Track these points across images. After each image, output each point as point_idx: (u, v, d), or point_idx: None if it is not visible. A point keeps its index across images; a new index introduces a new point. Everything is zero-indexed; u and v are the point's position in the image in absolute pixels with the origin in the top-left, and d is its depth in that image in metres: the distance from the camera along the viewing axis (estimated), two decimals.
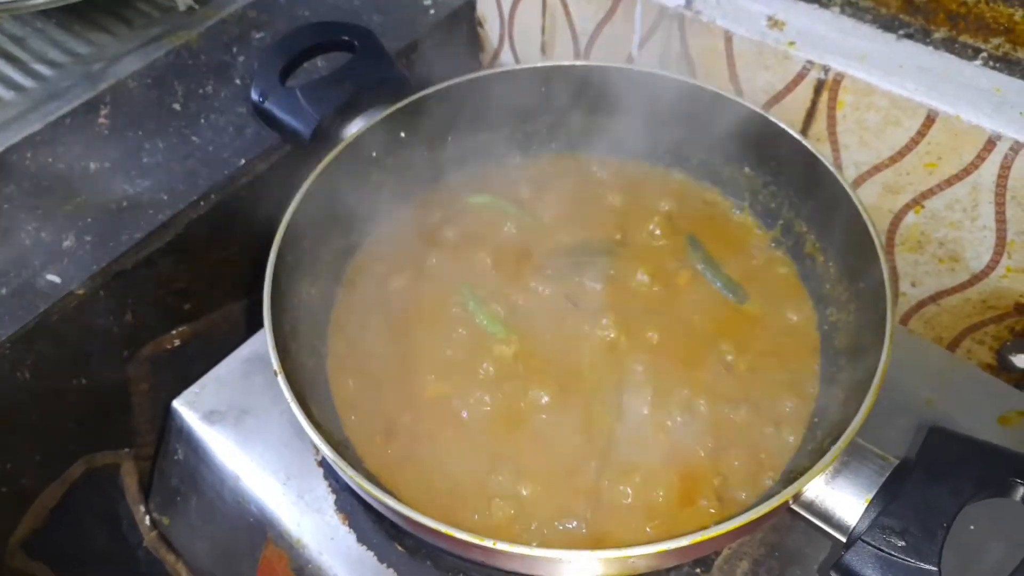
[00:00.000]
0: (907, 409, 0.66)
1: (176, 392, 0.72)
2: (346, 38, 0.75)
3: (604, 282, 0.68)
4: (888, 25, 0.76)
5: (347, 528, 0.64)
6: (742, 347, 0.64)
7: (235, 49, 0.95)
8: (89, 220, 0.78)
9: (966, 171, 0.71)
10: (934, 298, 0.81)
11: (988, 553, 0.54)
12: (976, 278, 0.76)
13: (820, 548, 0.60)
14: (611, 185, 0.76)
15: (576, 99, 0.78)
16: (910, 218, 0.77)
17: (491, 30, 1.04)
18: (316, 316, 0.67)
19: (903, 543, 0.44)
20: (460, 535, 0.47)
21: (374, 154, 0.72)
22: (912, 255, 0.79)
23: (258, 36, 0.96)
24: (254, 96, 0.72)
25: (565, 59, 0.94)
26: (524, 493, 0.57)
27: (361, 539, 0.64)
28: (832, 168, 0.64)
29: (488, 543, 0.46)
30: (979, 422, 0.66)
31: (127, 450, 0.84)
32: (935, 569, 0.43)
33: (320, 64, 0.87)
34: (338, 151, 0.68)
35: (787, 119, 0.69)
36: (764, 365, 0.63)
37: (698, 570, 0.60)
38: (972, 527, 0.56)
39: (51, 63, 0.95)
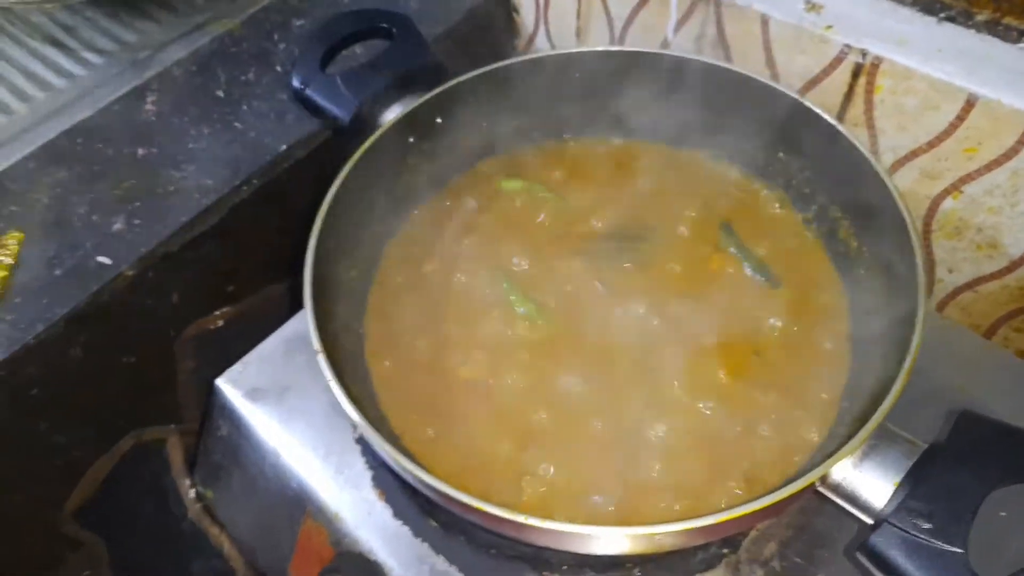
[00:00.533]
0: (939, 395, 0.65)
1: (219, 371, 0.75)
2: (384, 25, 0.77)
3: (637, 267, 0.69)
4: (928, 7, 0.75)
5: (383, 503, 0.66)
6: (773, 332, 0.64)
7: (276, 36, 0.96)
8: (138, 204, 0.81)
9: (1006, 156, 0.70)
10: (971, 285, 0.80)
11: (1016, 539, 0.54)
12: (1015, 264, 0.75)
13: (847, 531, 0.61)
14: (644, 171, 0.77)
15: (610, 85, 0.78)
16: (948, 204, 0.76)
17: (526, 15, 1.05)
18: (355, 298, 0.69)
19: (930, 525, 0.44)
20: (492, 510, 0.48)
21: (411, 139, 0.73)
22: (950, 241, 0.78)
23: (298, 23, 0.98)
24: (295, 83, 0.74)
25: (600, 44, 0.95)
26: (555, 471, 0.59)
27: (397, 514, 0.66)
28: (867, 153, 0.64)
29: (520, 518, 0.47)
30: (1013, 409, 0.65)
31: (173, 426, 0.87)
32: (962, 551, 0.43)
33: (358, 51, 0.89)
34: (376, 137, 0.69)
35: (824, 103, 0.69)
36: (795, 349, 0.63)
37: (725, 550, 0.61)
38: (1003, 513, 0.56)
39: (100, 51, 0.98)
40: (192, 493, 0.83)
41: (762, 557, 0.60)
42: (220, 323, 0.87)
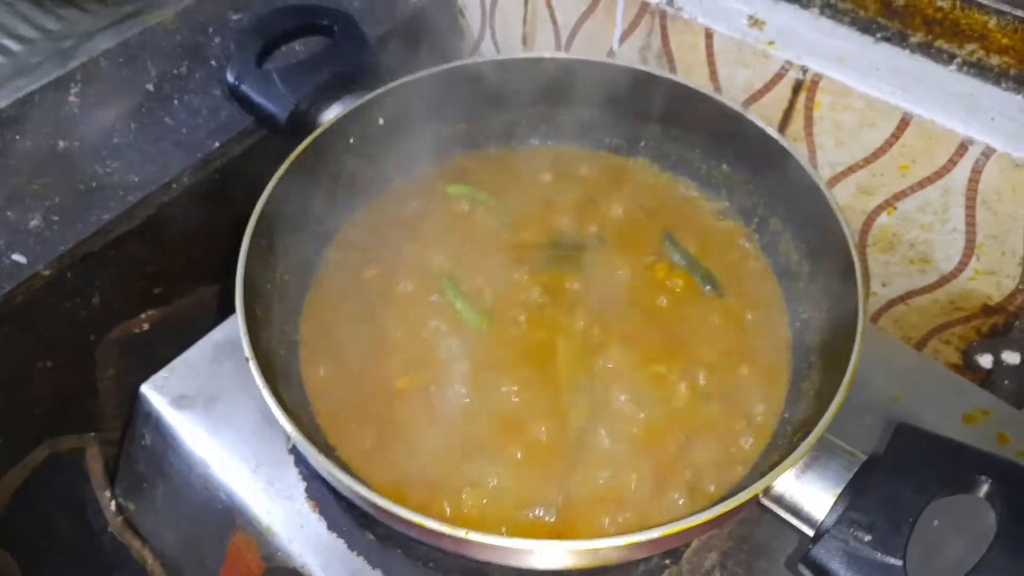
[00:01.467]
0: (874, 406, 0.67)
1: (143, 377, 0.71)
2: (325, 22, 0.75)
3: (580, 275, 0.68)
4: (866, 28, 0.77)
5: (317, 516, 0.64)
6: (716, 342, 0.64)
7: (211, 30, 0.93)
8: (57, 200, 0.76)
9: (938, 174, 0.72)
10: (903, 298, 0.82)
11: (951, 547, 0.55)
12: (945, 279, 0.78)
13: (787, 541, 0.61)
14: (589, 179, 0.76)
15: (556, 92, 0.78)
16: (883, 219, 0.78)
17: (472, 19, 1.03)
18: (290, 302, 0.66)
19: (870, 537, 0.44)
20: (433, 525, 0.47)
21: (351, 140, 0.71)
22: (884, 255, 0.80)
23: (235, 17, 0.95)
24: (230, 78, 0.71)
25: (546, 51, 0.94)
26: (495, 483, 0.57)
27: (332, 527, 0.63)
28: (808, 168, 0.64)
29: (460, 533, 0.46)
30: (945, 420, 0.67)
31: (92, 434, 0.83)
32: (900, 563, 0.43)
33: (298, 48, 0.86)
34: (314, 137, 0.67)
35: (765, 118, 0.70)
36: (737, 360, 0.64)
37: (667, 561, 0.61)
38: (936, 522, 0.57)
39: (20, 38, 0.93)
40: (113, 505, 0.78)
41: (703, 568, 0.60)
42: (145, 327, 0.83)
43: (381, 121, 0.72)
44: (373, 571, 0.61)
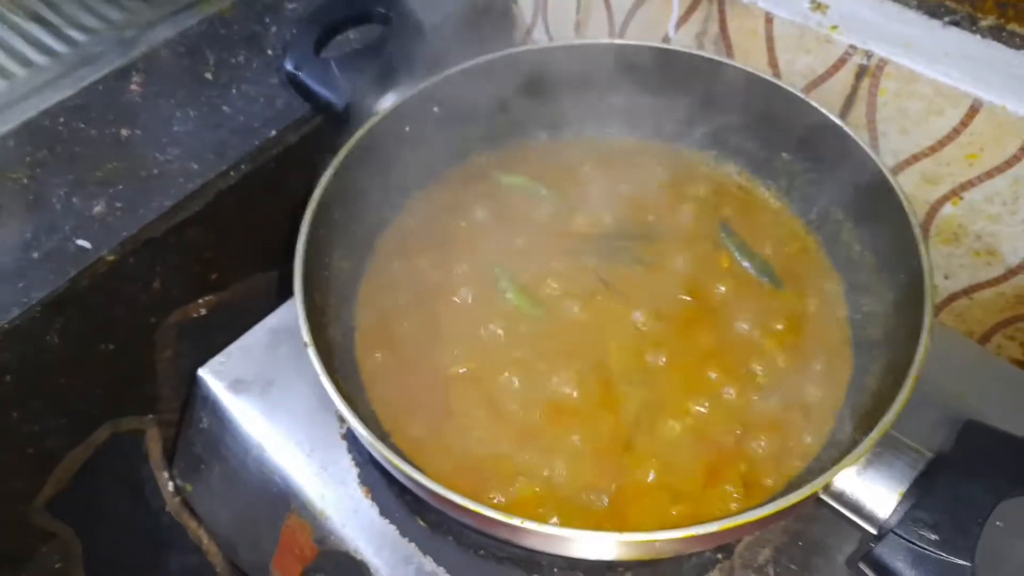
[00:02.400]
0: (937, 402, 0.65)
1: (201, 360, 0.72)
2: (381, 10, 0.75)
3: (637, 266, 0.68)
4: (934, 11, 0.74)
5: (370, 501, 0.64)
6: (774, 333, 0.63)
7: (268, 19, 0.94)
8: (120, 187, 0.78)
9: (1008, 163, 0.70)
10: (967, 291, 0.79)
11: (1017, 550, 0.53)
12: (1012, 272, 0.75)
13: (843, 539, 0.60)
14: (645, 168, 0.75)
15: (611, 79, 0.77)
16: (947, 209, 0.76)
17: (524, 6, 1.03)
18: (346, 289, 0.67)
19: (936, 537, 0.43)
20: (488, 512, 0.47)
21: (407, 129, 0.71)
22: (947, 247, 0.78)
23: (291, 6, 0.95)
24: (288, 66, 0.72)
25: (600, 37, 0.93)
26: (548, 472, 0.57)
27: (384, 512, 0.64)
28: (873, 154, 0.63)
29: (516, 522, 0.46)
30: (1011, 417, 0.64)
31: (151, 416, 0.85)
32: (968, 564, 0.42)
33: (352, 36, 0.86)
34: (371, 125, 0.67)
35: (826, 104, 0.68)
36: (795, 352, 0.62)
37: (719, 555, 0.60)
38: (999, 523, 0.55)
39: (84, 28, 0.95)
40: (170, 486, 0.80)
41: (756, 563, 0.59)
42: (203, 311, 0.84)
43: (436, 109, 0.72)
44: (424, 557, 0.61)
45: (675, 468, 0.57)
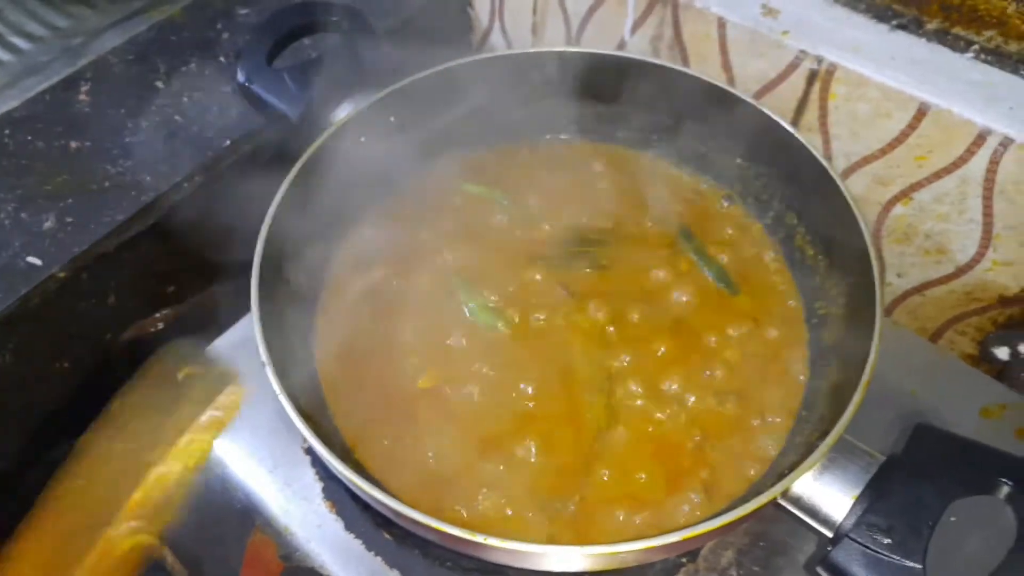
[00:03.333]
0: (890, 400, 0.66)
1: None
2: (335, 18, 0.74)
3: (597, 272, 0.68)
4: (881, 15, 0.76)
5: (335, 516, 0.64)
6: (731, 339, 0.64)
7: (219, 25, 0.92)
8: (70, 201, 0.76)
9: (955, 164, 0.71)
10: (919, 289, 0.81)
11: (968, 547, 0.55)
12: (961, 270, 0.77)
13: (803, 539, 0.61)
14: (603, 174, 0.76)
15: (568, 86, 0.77)
16: (898, 210, 0.77)
17: (481, 10, 1.02)
18: (304, 303, 0.66)
19: (889, 540, 0.44)
20: (450, 529, 0.47)
21: (363, 139, 0.70)
22: (899, 246, 0.80)
23: (243, 12, 0.94)
24: (240, 78, 0.71)
25: (557, 43, 0.94)
26: (512, 483, 0.57)
27: (349, 527, 0.64)
28: (823, 160, 0.64)
29: (479, 538, 0.46)
30: (962, 414, 0.67)
31: None
32: (920, 567, 0.43)
33: (306, 43, 0.85)
34: (327, 136, 0.67)
35: (778, 109, 0.69)
36: (753, 357, 0.63)
37: (683, 560, 0.61)
38: (953, 518, 0.57)
39: (29, 36, 0.93)
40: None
41: (720, 566, 0.60)
42: (161, 326, 0.83)
43: (392, 119, 0.72)
44: (391, 571, 0.61)
45: (639, 476, 0.58)
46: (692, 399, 0.61)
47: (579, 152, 0.78)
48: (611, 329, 0.64)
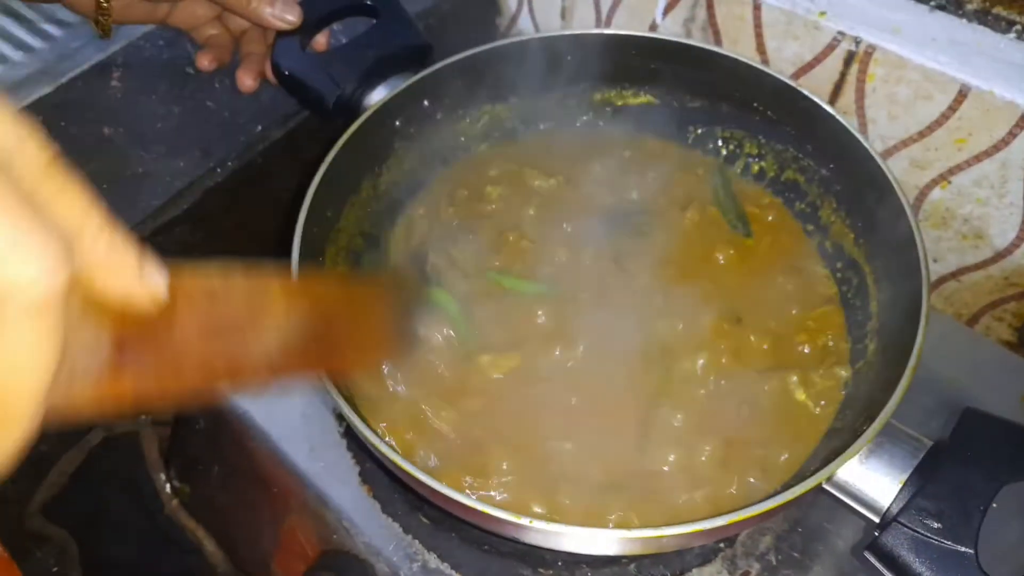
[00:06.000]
0: (930, 385, 0.65)
1: None
2: (369, 2, 0.74)
3: (638, 246, 0.67)
4: None
5: (371, 499, 0.64)
6: (778, 318, 0.64)
7: None
8: (104, 187, 0.77)
9: (996, 147, 0.70)
10: (955, 275, 0.80)
11: (1018, 532, 0.54)
12: (999, 255, 0.76)
13: (842, 525, 0.61)
14: (636, 160, 0.75)
15: (600, 69, 0.76)
16: (935, 194, 0.77)
17: None
18: None
19: (939, 525, 0.44)
20: (495, 513, 0.47)
21: (398, 123, 0.70)
22: (936, 231, 0.79)
23: None
24: (275, 62, 0.71)
25: (587, 26, 0.93)
26: (559, 462, 0.57)
27: (386, 510, 0.64)
28: (864, 142, 0.63)
29: (524, 521, 0.46)
30: (1003, 401, 0.66)
31: (144, 417, 0.84)
32: (971, 552, 0.43)
33: (336, 28, 0.85)
34: (362, 121, 0.66)
35: (814, 92, 0.68)
36: (795, 338, 0.63)
37: (722, 544, 0.61)
38: (995, 505, 0.56)
39: (60, 23, 0.93)
40: (168, 487, 0.80)
41: (758, 551, 0.60)
42: None
43: (427, 103, 0.72)
44: (428, 554, 0.62)
45: (692, 451, 0.57)
46: (741, 376, 0.60)
47: (611, 137, 0.77)
48: (662, 298, 0.63)
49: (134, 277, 0.24)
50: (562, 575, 0.60)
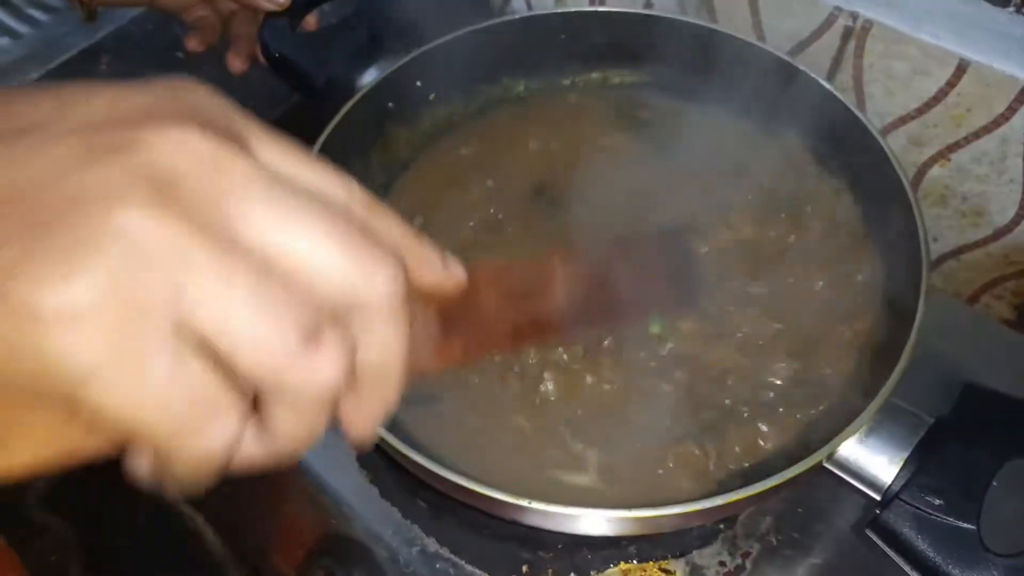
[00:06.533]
0: (929, 364, 0.64)
1: None
2: None
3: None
4: None
5: (370, 484, 0.64)
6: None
7: None
8: None
9: (996, 123, 0.69)
10: (954, 253, 0.80)
11: (1013, 509, 0.54)
12: (999, 233, 0.75)
13: (843, 504, 0.60)
14: (633, 136, 0.75)
15: (594, 47, 0.76)
16: (935, 172, 0.76)
17: None
18: None
19: (941, 502, 0.44)
20: (495, 494, 0.47)
21: (390, 104, 0.69)
22: (934, 209, 0.78)
23: None
24: (264, 43, 0.70)
25: (581, 5, 0.92)
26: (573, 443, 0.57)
27: (384, 494, 0.64)
28: (864, 119, 0.62)
29: (524, 503, 0.46)
30: (1003, 378, 0.65)
31: None
32: (974, 528, 0.43)
33: (326, 9, 0.84)
34: (353, 102, 0.65)
35: (811, 68, 0.67)
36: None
37: (722, 525, 0.60)
38: (996, 482, 0.56)
39: (46, 7, 0.92)
40: None
41: (759, 532, 0.60)
42: None
43: (419, 83, 0.71)
44: (428, 538, 0.61)
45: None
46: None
47: (602, 111, 0.77)
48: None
49: (441, 270, 0.31)
50: (562, 557, 0.60)
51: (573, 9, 0.74)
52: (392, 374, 0.28)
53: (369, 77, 0.69)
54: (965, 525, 0.43)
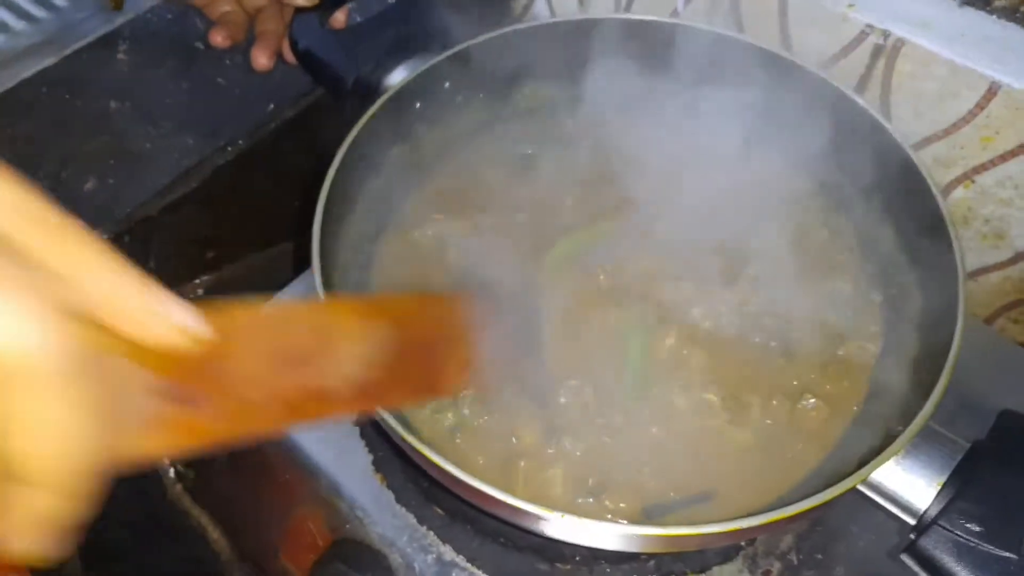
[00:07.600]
0: (959, 389, 0.65)
1: None
2: None
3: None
4: None
5: (385, 488, 0.63)
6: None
7: None
8: (112, 162, 0.75)
9: (1023, 147, 0.69)
10: (972, 275, 0.80)
11: None
12: (1019, 256, 0.75)
13: (864, 525, 0.60)
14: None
15: (620, 55, 0.75)
16: (958, 193, 0.76)
17: None
18: (359, 273, 0.65)
19: (981, 529, 0.43)
20: (522, 505, 0.45)
21: (418, 105, 0.68)
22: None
23: None
24: (294, 40, 0.69)
25: (606, 11, 0.91)
26: (583, 454, 0.56)
27: (400, 500, 0.62)
28: (898, 137, 0.62)
29: (556, 515, 0.45)
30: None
31: None
32: (1016, 557, 0.42)
33: (351, 6, 0.83)
34: (383, 101, 0.64)
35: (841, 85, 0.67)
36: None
37: (743, 543, 0.60)
38: None
39: None
40: (171, 472, 0.78)
41: (779, 550, 0.59)
42: (200, 292, 0.82)
43: (447, 85, 0.70)
44: (443, 546, 0.60)
45: None
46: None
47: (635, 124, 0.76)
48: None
49: (154, 316, 0.24)
50: (580, 570, 0.59)
51: (601, 16, 0.73)
52: (56, 468, 0.20)
53: (398, 76, 0.68)
54: (1006, 554, 0.42)
